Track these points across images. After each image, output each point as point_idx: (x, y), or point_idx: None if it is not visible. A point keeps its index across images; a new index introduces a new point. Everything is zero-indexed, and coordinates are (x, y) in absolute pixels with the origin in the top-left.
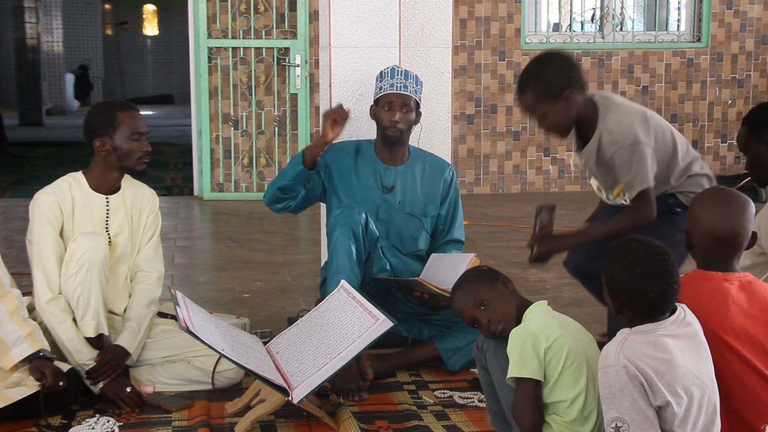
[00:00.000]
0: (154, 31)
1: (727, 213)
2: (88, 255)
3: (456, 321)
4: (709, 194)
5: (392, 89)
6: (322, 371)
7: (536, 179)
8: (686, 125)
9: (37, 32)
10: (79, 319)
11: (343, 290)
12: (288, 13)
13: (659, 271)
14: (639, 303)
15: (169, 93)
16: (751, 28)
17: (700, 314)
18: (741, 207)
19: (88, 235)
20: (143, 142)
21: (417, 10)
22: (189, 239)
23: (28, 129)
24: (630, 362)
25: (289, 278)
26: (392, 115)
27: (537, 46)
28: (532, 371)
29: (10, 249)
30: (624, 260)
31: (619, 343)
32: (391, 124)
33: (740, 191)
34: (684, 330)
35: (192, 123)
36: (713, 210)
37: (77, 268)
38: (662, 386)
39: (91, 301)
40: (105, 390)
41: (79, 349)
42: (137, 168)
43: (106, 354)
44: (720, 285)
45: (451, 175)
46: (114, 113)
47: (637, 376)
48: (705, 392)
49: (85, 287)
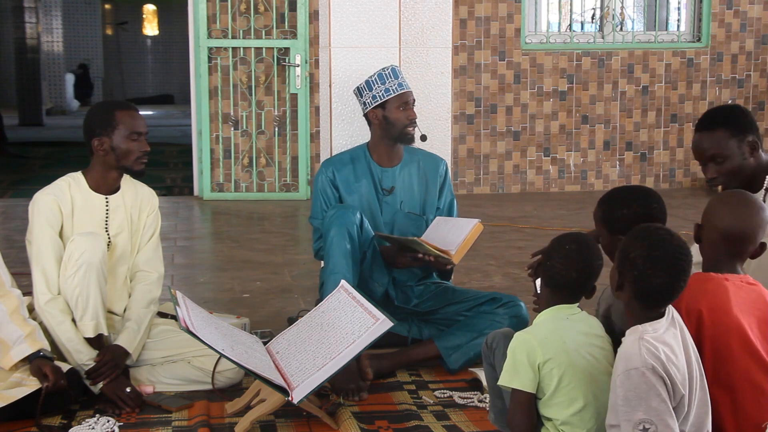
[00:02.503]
0: (154, 31)
1: (741, 213)
2: (86, 255)
3: (456, 320)
4: (728, 193)
5: (402, 89)
6: (322, 371)
7: (536, 179)
8: (686, 125)
9: (37, 32)
10: (78, 320)
11: (343, 290)
12: (288, 13)
13: (674, 262)
14: (643, 285)
15: (169, 93)
16: (751, 28)
17: (703, 314)
18: (756, 211)
19: (87, 236)
20: (142, 142)
21: (417, 10)
22: (189, 239)
23: (28, 129)
24: (657, 363)
25: (289, 278)
26: (410, 113)
27: (537, 46)
28: (524, 383)
29: (10, 249)
30: (646, 240)
31: (639, 345)
32: (410, 123)
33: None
34: (675, 327)
35: (192, 123)
36: (728, 207)
37: (75, 269)
38: (678, 384)
39: (90, 302)
40: (105, 390)
41: (78, 349)
42: (135, 168)
43: (106, 354)
44: (720, 285)
45: (444, 169)
46: (113, 113)
47: (662, 377)
48: (695, 387)
49: (83, 288)
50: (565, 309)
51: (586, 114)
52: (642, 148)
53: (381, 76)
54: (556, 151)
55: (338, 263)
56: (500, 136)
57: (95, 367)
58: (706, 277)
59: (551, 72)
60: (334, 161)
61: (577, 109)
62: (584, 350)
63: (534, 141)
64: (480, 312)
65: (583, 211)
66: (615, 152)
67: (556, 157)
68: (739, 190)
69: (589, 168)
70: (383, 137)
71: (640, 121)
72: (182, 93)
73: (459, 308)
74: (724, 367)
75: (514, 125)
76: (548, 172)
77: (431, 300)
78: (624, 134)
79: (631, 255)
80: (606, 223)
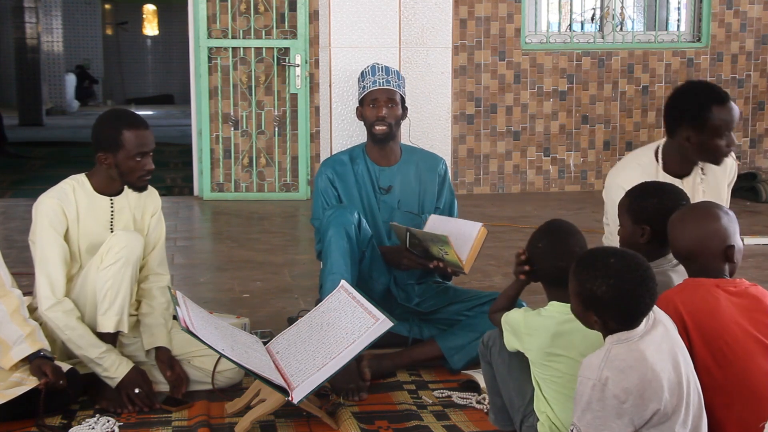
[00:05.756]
0: (154, 31)
1: (698, 232)
2: (125, 251)
3: (458, 320)
4: (677, 213)
5: (375, 86)
6: (322, 371)
7: (536, 179)
8: None
9: (37, 32)
10: (101, 313)
11: (343, 290)
12: (288, 13)
13: (648, 282)
14: (625, 314)
15: (169, 93)
16: (751, 28)
17: (696, 319)
18: (699, 224)
19: (129, 233)
20: (147, 161)
21: (417, 10)
22: (189, 239)
23: (28, 129)
24: (612, 379)
25: (289, 278)
26: (378, 111)
27: (537, 46)
28: (522, 346)
29: (11, 249)
30: (599, 271)
31: (603, 357)
32: (377, 120)
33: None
34: (657, 330)
35: (192, 123)
36: (674, 229)
37: (113, 261)
38: (647, 398)
39: (119, 297)
40: (121, 386)
41: (92, 342)
42: (137, 184)
43: (174, 366)
44: (711, 290)
45: (444, 168)
46: (120, 132)
47: (616, 396)
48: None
49: (116, 281)
50: (560, 307)
51: (586, 114)
52: None
53: (363, 73)
54: (556, 151)
55: (337, 263)
56: (500, 136)
57: (176, 383)
58: (696, 283)
59: (551, 72)
60: (332, 161)
61: (577, 109)
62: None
63: (534, 141)
64: (481, 312)
65: (583, 211)
66: (615, 152)
67: (556, 157)
68: (694, 204)
69: (589, 168)
70: (367, 136)
71: (640, 121)
72: (182, 93)
73: (460, 308)
74: (718, 372)
75: (514, 125)
76: (548, 172)
77: (432, 299)
78: (624, 134)
79: (597, 293)
80: (631, 213)
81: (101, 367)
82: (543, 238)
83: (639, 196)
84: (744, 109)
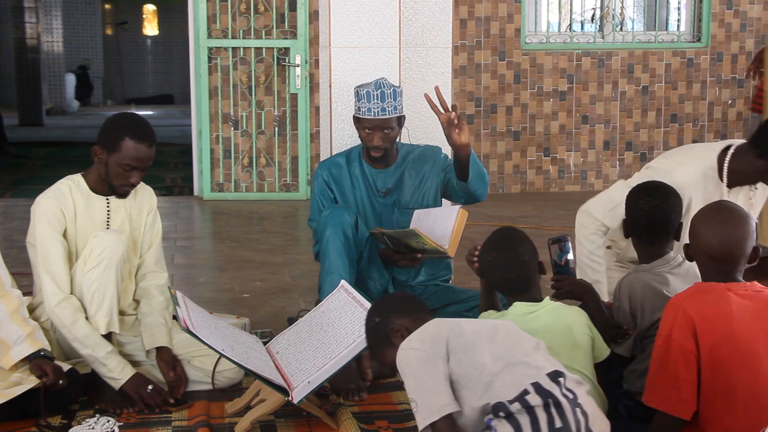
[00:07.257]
0: (154, 31)
1: (722, 232)
2: (108, 252)
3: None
4: (708, 210)
5: (370, 114)
6: (322, 371)
7: (536, 179)
8: (686, 125)
9: (37, 32)
10: (91, 315)
11: (343, 290)
12: (288, 13)
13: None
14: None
15: (169, 93)
16: (751, 28)
17: (706, 324)
18: (737, 225)
19: (110, 233)
20: (133, 175)
21: (417, 10)
22: (189, 239)
23: (28, 129)
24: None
25: (289, 278)
26: (372, 139)
27: (537, 46)
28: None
29: (10, 249)
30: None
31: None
32: (371, 147)
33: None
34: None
35: (192, 123)
36: (709, 228)
37: (96, 263)
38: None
39: (106, 298)
40: (126, 389)
41: (96, 342)
42: (118, 191)
43: (176, 366)
44: (723, 294)
45: (444, 155)
46: (122, 137)
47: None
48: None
49: (101, 283)
50: (523, 306)
51: (586, 114)
52: (642, 148)
53: (359, 93)
54: (556, 151)
55: (335, 263)
56: (500, 136)
57: (176, 383)
58: (706, 287)
59: (551, 72)
60: (328, 163)
61: (577, 109)
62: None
63: (534, 141)
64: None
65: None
66: (615, 152)
67: (556, 157)
68: (719, 202)
69: (589, 168)
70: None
71: (640, 121)
72: (182, 93)
73: (459, 308)
74: (723, 376)
75: (514, 125)
76: (548, 172)
77: (432, 299)
78: (624, 134)
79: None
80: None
81: (106, 367)
82: (492, 250)
83: (635, 193)
84: (744, 109)
